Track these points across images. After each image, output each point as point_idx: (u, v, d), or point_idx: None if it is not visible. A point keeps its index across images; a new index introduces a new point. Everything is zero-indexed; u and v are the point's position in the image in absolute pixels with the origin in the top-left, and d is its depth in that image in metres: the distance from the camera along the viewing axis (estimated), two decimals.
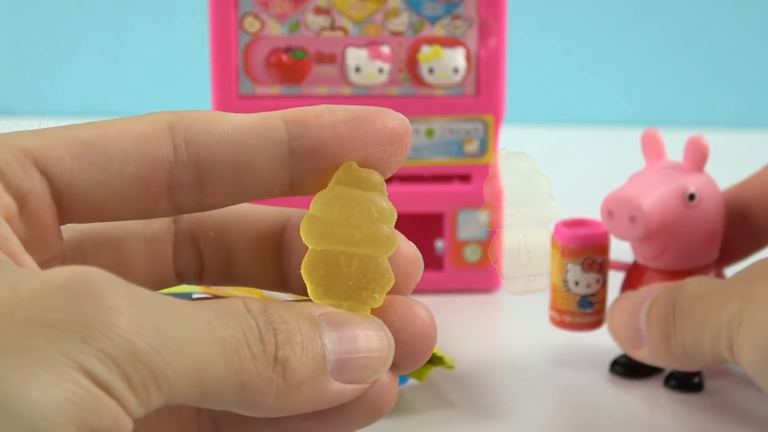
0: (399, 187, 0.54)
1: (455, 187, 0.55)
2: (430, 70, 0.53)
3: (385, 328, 0.28)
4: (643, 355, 0.43)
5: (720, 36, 0.95)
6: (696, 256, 0.43)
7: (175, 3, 0.97)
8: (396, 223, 0.29)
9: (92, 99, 0.99)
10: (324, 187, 0.30)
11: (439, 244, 0.57)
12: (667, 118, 0.89)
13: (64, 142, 0.29)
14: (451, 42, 0.53)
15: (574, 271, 0.44)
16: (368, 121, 0.29)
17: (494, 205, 0.37)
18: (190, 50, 0.95)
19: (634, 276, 0.45)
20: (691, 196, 0.42)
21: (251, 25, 0.53)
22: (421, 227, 0.56)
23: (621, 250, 0.45)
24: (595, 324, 0.45)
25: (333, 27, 0.53)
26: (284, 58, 0.53)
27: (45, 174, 0.28)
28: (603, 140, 0.78)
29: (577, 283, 0.44)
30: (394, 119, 0.30)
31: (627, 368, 0.45)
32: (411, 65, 0.53)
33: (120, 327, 0.24)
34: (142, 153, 0.29)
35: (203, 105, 0.61)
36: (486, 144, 0.54)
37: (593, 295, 0.44)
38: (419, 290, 0.53)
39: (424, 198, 0.55)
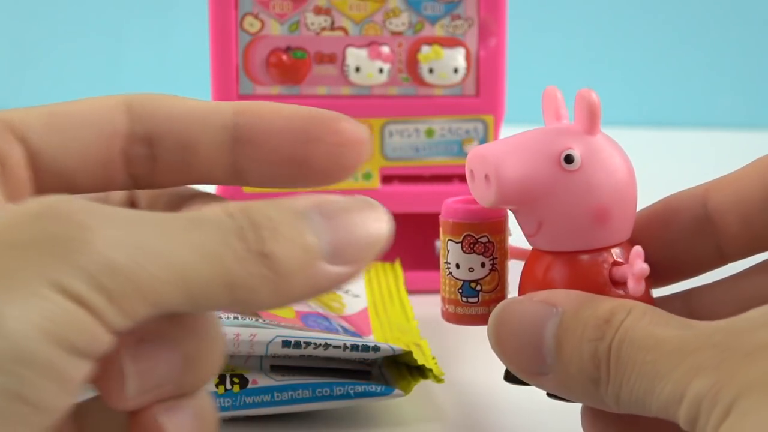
0: (399, 187, 0.54)
1: (455, 187, 0.55)
2: (430, 70, 0.53)
3: (382, 208, 0.29)
4: (547, 384, 0.34)
5: (720, 36, 0.95)
6: (582, 235, 0.35)
7: (175, 3, 0.97)
8: (396, 223, 0.29)
9: None
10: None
11: (439, 244, 0.57)
12: (667, 118, 0.89)
13: (37, 113, 0.32)
14: (451, 42, 0.53)
15: (454, 251, 0.36)
16: (321, 120, 0.30)
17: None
18: (190, 50, 0.95)
19: (529, 262, 0.36)
20: (568, 158, 0.34)
21: (251, 25, 0.53)
22: (421, 227, 0.56)
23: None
24: (481, 318, 0.36)
25: (333, 27, 0.53)
26: (284, 58, 0.53)
27: (21, 140, 0.31)
28: None
29: (458, 266, 0.36)
30: (349, 123, 0.30)
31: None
32: (411, 65, 0.53)
33: (94, 243, 0.25)
34: (99, 123, 0.32)
35: None
36: None
37: (478, 281, 0.36)
38: (419, 290, 0.53)
39: (424, 198, 0.55)
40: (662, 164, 0.65)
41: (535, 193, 0.34)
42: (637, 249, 0.34)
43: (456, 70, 0.53)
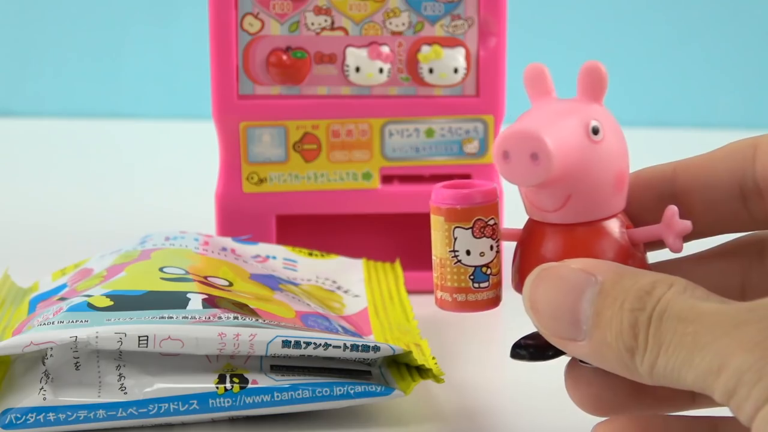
0: (399, 187, 0.54)
1: None
2: (430, 70, 0.53)
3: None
4: (579, 351, 0.34)
5: (720, 36, 0.95)
6: (605, 203, 0.36)
7: (175, 3, 0.97)
8: (396, 223, 0.29)
9: (92, 100, 0.99)
10: None
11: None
12: (667, 118, 0.89)
13: None
14: (451, 42, 0.53)
15: (463, 239, 0.36)
16: None
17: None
18: (190, 50, 0.95)
19: (530, 238, 0.36)
20: (595, 130, 0.35)
21: (251, 25, 0.53)
22: (421, 227, 0.56)
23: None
24: (493, 301, 0.37)
25: (333, 27, 0.53)
26: (284, 58, 0.53)
27: None
28: None
29: (468, 253, 0.36)
30: None
31: (537, 350, 0.37)
32: (411, 65, 0.53)
33: None
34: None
35: (203, 105, 0.61)
36: (486, 144, 0.54)
37: (488, 265, 0.36)
38: (420, 290, 0.53)
39: (424, 198, 0.54)
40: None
41: (571, 167, 0.34)
42: (673, 208, 0.35)
43: (456, 70, 0.53)
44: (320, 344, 0.40)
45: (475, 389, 0.44)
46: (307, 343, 0.40)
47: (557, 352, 0.37)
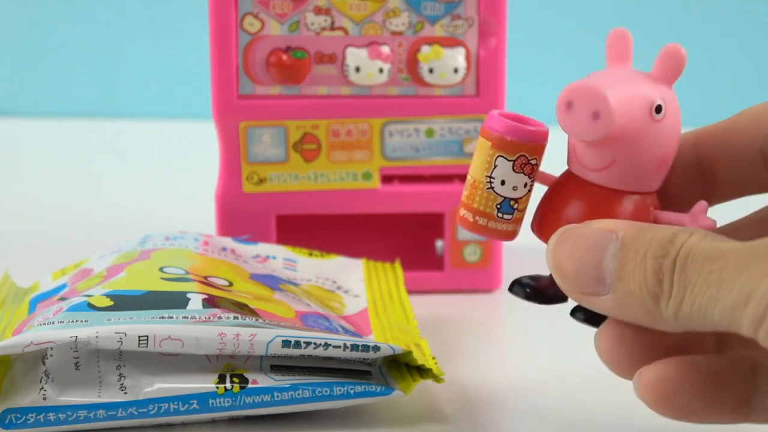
0: (399, 187, 0.54)
1: (455, 187, 0.55)
2: (430, 70, 0.53)
3: None
4: (602, 305, 0.36)
5: (720, 36, 0.95)
6: (644, 179, 0.37)
7: (175, 3, 0.97)
8: (396, 223, 0.29)
9: (92, 99, 0.99)
10: None
11: (439, 244, 0.57)
12: None
13: None
14: (451, 42, 0.53)
15: (503, 168, 0.37)
16: None
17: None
18: (190, 50, 0.95)
19: (563, 187, 0.38)
20: (658, 108, 0.36)
21: (251, 25, 0.53)
22: (421, 227, 0.56)
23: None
24: (510, 234, 0.38)
25: (333, 27, 0.53)
26: (284, 58, 0.53)
27: None
28: None
29: (503, 183, 0.37)
30: None
31: (534, 291, 0.39)
32: (411, 65, 0.53)
33: None
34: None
35: (203, 105, 0.61)
36: None
37: (517, 200, 0.37)
38: (419, 291, 0.53)
39: (424, 198, 0.55)
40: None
41: (625, 135, 0.36)
42: (703, 204, 0.37)
43: (456, 70, 0.53)
44: (320, 344, 0.40)
45: (474, 389, 0.44)
46: (307, 343, 0.40)
47: (553, 300, 0.39)
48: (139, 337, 0.39)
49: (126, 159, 0.85)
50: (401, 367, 0.42)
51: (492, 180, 0.37)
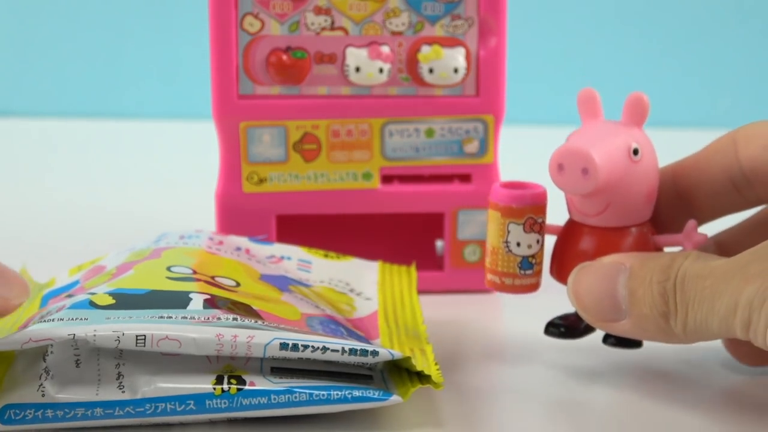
0: (399, 187, 0.54)
1: (455, 187, 0.55)
2: (430, 70, 0.53)
3: None
4: (621, 329, 0.42)
5: (720, 36, 0.95)
6: (637, 212, 0.43)
7: (175, 3, 0.97)
8: (396, 223, 0.29)
9: (92, 99, 0.99)
10: None
11: (439, 244, 0.57)
12: (667, 118, 0.89)
13: None
14: (451, 42, 0.53)
15: (515, 232, 0.43)
16: None
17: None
18: (190, 50, 0.95)
19: (570, 235, 0.44)
20: (635, 151, 0.42)
21: (251, 24, 0.53)
22: (421, 227, 0.56)
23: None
24: (534, 286, 0.44)
25: (333, 27, 0.53)
26: (284, 58, 0.53)
27: None
28: None
29: (518, 245, 0.43)
30: None
31: (567, 329, 0.45)
32: (411, 65, 0.53)
33: None
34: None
35: (203, 105, 0.61)
36: (486, 144, 0.54)
37: (533, 256, 0.44)
38: (419, 291, 0.53)
39: (424, 198, 0.55)
40: (662, 164, 0.65)
41: (613, 181, 0.41)
42: (693, 222, 0.43)
43: (456, 70, 0.53)
44: (318, 347, 0.40)
45: (474, 395, 0.44)
46: (305, 346, 0.40)
47: (585, 332, 0.45)
48: (137, 336, 0.39)
49: (126, 159, 0.85)
50: (402, 371, 0.42)
51: (509, 244, 0.43)
